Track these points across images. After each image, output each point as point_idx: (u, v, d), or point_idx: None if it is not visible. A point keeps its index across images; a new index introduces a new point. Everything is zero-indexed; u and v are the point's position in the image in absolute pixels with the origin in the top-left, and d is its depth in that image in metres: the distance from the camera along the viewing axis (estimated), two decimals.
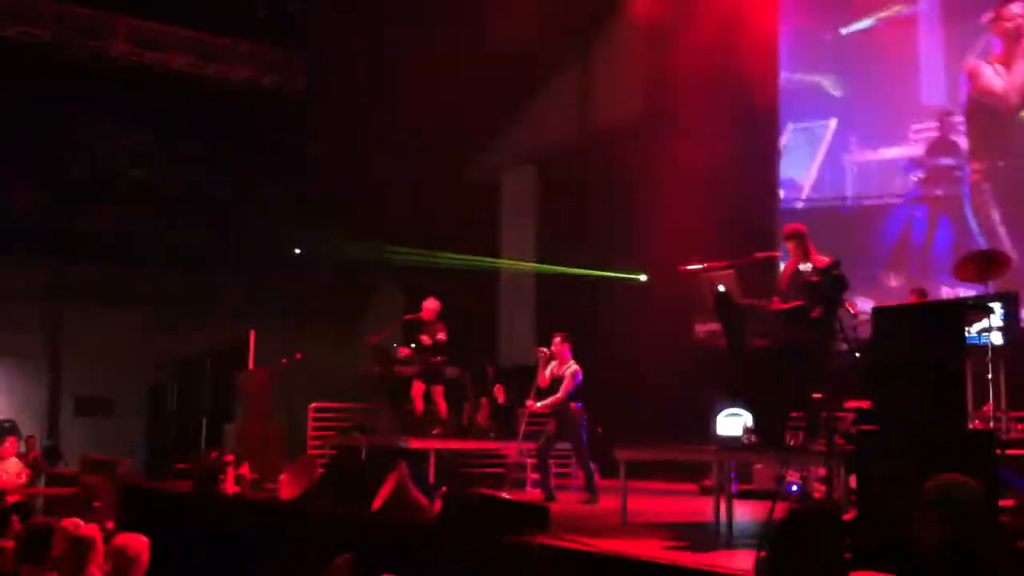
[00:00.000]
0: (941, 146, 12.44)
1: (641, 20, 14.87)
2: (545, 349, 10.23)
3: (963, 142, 12.27)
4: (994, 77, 12.06)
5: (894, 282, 12.26)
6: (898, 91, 12.77)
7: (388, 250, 16.90)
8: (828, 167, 13.33)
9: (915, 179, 12.59)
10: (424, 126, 15.87)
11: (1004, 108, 12.01)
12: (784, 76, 13.82)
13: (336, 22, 15.54)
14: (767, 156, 13.90)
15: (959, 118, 12.33)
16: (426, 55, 15.36)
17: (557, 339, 10.13)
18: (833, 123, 13.30)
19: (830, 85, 13.37)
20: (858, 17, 13.19)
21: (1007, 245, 11.29)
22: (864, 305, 11.34)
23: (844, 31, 13.33)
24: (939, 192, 12.44)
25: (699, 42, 13.60)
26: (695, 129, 13.58)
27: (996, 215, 11.90)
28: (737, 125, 13.56)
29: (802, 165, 13.59)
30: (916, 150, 12.58)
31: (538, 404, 10.13)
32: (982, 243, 11.59)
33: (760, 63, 13.92)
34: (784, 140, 13.74)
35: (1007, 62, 12.01)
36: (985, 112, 12.15)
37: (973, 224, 12.03)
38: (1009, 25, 12.01)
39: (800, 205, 13.58)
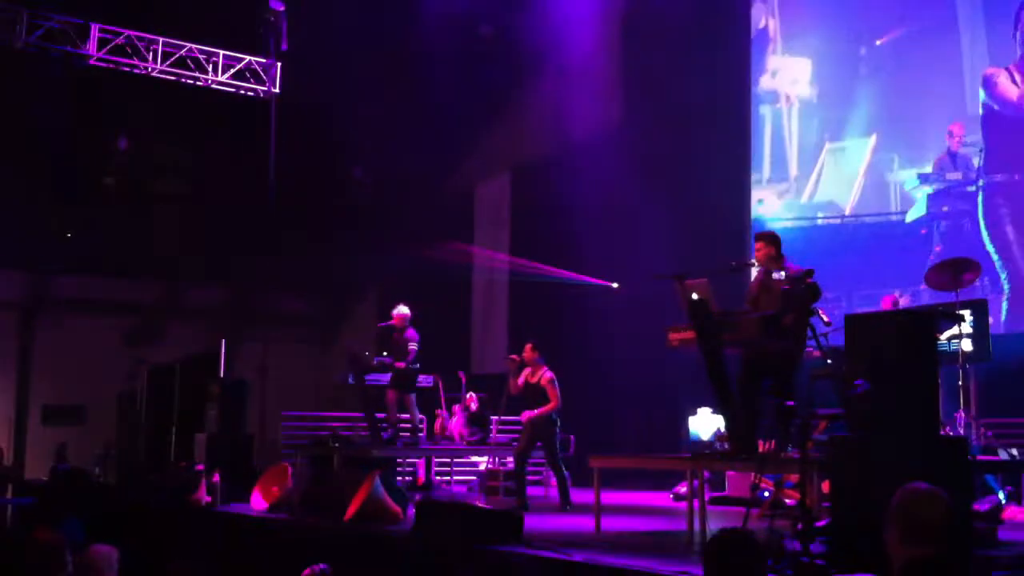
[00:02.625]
0: (951, 160, 11.77)
1: (615, 29, 14.92)
2: (517, 356, 10.20)
3: (975, 155, 11.51)
4: (1010, 85, 11.30)
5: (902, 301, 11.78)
6: (927, 102, 12.18)
7: (363, 258, 16.85)
8: (869, 185, 12.65)
9: (922, 194, 11.97)
10: (399, 133, 15.86)
11: (1021, 117, 11.26)
12: (817, 90, 13.45)
13: (309, 29, 15.48)
14: (740, 164, 13.96)
15: (972, 131, 11.58)
16: (400, 63, 15.38)
17: (529, 347, 10.10)
18: (872, 140, 12.64)
19: (866, 98, 12.78)
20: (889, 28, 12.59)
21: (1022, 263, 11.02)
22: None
23: (879, 42, 12.72)
24: (946, 208, 11.76)
25: (675, 51, 13.69)
26: (669, 137, 13.66)
27: (1011, 231, 11.22)
28: (710, 132, 13.65)
29: (842, 185, 12.98)
30: (927, 164, 11.99)
31: (534, 412, 9.89)
32: (993, 259, 11.15)
33: (731, 68, 14.01)
34: (820, 161, 13.17)
35: None
36: (1001, 122, 11.41)
37: (986, 239, 11.32)
38: None
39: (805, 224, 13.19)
